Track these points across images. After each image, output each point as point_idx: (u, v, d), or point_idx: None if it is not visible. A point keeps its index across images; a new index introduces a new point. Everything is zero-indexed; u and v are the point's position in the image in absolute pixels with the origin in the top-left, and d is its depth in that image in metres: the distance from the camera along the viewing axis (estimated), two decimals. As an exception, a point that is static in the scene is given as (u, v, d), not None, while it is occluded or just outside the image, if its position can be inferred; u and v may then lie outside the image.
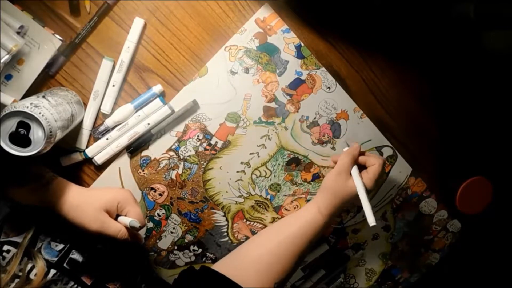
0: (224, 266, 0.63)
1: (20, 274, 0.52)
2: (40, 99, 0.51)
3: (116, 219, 0.57)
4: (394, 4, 0.66)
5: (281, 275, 0.62)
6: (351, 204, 0.66)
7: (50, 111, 0.49)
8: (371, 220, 0.59)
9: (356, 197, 0.62)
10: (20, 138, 0.48)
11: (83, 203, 0.55)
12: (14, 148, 0.48)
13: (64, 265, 0.57)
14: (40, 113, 0.47)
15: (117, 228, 0.55)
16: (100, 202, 0.55)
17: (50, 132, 0.48)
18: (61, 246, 0.57)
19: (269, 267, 0.61)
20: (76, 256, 0.58)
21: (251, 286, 0.59)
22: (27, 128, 0.48)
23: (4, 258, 0.51)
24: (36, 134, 0.48)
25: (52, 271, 0.55)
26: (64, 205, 0.54)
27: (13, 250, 0.53)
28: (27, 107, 0.47)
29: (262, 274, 0.61)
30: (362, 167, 0.65)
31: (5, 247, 0.52)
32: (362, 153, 0.67)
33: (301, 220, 0.65)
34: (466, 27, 0.68)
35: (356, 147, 0.65)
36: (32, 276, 0.53)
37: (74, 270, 0.57)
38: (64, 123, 0.52)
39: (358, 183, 0.62)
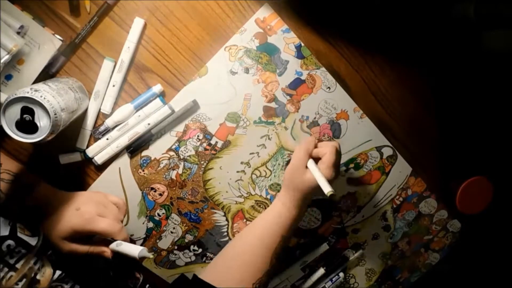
0: (209, 273, 0.64)
1: (27, 273, 0.52)
2: (40, 84, 0.51)
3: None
4: (394, 4, 0.66)
5: (258, 274, 0.62)
6: (316, 194, 0.65)
7: (51, 94, 0.49)
8: (327, 190, 0.56)
9: (317, 188, 0.60)
10: (27, 125, 0.48)
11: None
12: (22, 135, 0.48)
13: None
14: (41, 96, 0.47)
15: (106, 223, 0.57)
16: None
17: (55, 114, 0.48)
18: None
19: (245, 268, 0.62)
20: None
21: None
22: (32, 114, 0.48)
23: (12, 257, 0.51)
24: (42, 119, 0.48)
25: (58, 272, 0.55)
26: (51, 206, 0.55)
27: (23, 251, 0.52)
28: (28, 92, 0.47)
29: (239, 275, 0.61)
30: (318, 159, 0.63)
31: (17, 249, 0.52)
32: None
33: (268, 217, 0.65)
34: (466, 27, 0.68)
35: (310, 141, 0.64)
36: (38, 276, 0.52)
37: (79, 271, 0.57)
38: (68, 106, 0.52)
39: (316, 174, 0.60)
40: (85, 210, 0.57)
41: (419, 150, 0.75)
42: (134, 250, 0.55)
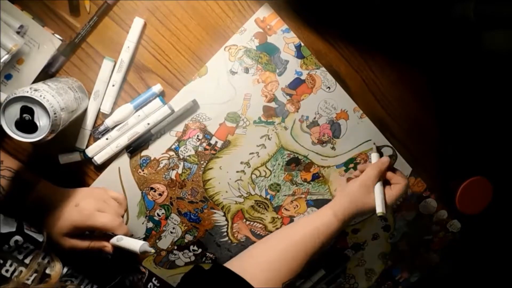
0: (232, 267, 0.63)
1: (38, 269, 0.52)
2: (39, 84, 0.51)
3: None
4: (394, 4, 0.66)
5: (289, 276, 0.62)
6: (363, 216, 0.68)
7: (50, 93, 0.49)
8: (379, 210, 0.63)
9: (371, 211, 0.63)
10: (27, 124, 0.48)
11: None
12: (21, 135, 0.48)
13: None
14: (41, 95, 0.47)
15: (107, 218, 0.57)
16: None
17: (55, 113, 0.48)
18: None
19: (279, 266, 0.61)
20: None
21: (261, 284, 0.59)
22: (31, 113, 0.48)
23: (20, 252, 0.52)
24: (41, 118, 0.48)
25: (65, 268, 0.55)
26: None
27: (31, 247, 0.53)
28: (27, 92, 0.47)
29: (270, 274, 0.61)
30: (386, 182, 0.67)
31: (25, 244, 0.52)
32: (389, 168, 0.68)
33: (316, 222, 0.65)
34: (466, 27, 0.68)
35: (385, 161, 0.66)
36: (48, 271, 0.53)
37: (87, 267, 0.57)
38: (67, 105, 0.52)
39: (379, 193, 0.64)
40: (84, 206, 0.56)
41: (419, 150, 0.75)
42: (135, 244, 0.55)
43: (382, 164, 0.66)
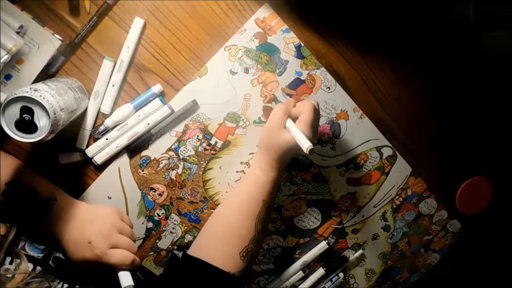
0: (196, 250, 0.63)
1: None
2: (39, 84, 0.51)
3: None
4: (394, 4, 0.66)
5: (244, 243, 0.60)
6: (294, 154, 0.64)
7: (50, 93, 0.49)
8: (307, 145, 0.55)
9: (295, 148, 0.58)
10: (26, 125, 0.48)
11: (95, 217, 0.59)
12: (21, 135, 0.48)
13: (50, 262, 0.57)
14: (41, 96, 0.47)
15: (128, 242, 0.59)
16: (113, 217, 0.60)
17: (54, 114, 0.48)
18: (43, 246, 0.57)
19: (229, 239, 0.60)
20: (60, 254, 0.58)
21: (219, 260, 0.59)
22: (31, 113, 0.48)
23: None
24: (41, 119, 0.48)
25: (38, 268, 0.55)
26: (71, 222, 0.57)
27: None
28: (27, 92, 0.47)
29: (224, 246, 0.60)
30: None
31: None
32: None
33: (245, 184, 0.64)
34: (465, 27, 0.68)
35: (289, 101, 0.63)
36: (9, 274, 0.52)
37: (60, 268, 0.57)
38: (67, 105, 0.52)
39: (295, 131, 0.58)
40: (97, 244, 0.56)
41: (419, 150, 0.75)
42: (124, 280, 0.56)
43: (286, 103, 0.62)
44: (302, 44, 0.65)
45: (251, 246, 0.61)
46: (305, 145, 0.54)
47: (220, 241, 0.61)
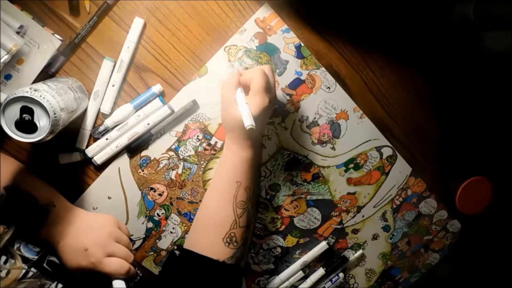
0: (187, 240, 0.64)
1: None
2: (39, 84, 0.51)
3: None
4: (394, 4, 0.66)
5: (226, 229, 0.59)
6: (264, 122, 0.62)
7: (50, 93, 0.49)
8: (247, 123, 0.52)
9: (259, 118, 0.55)
10: (26, 125, 0.48)
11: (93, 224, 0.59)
12: (21, 135, 0.48)
13: (44, 265, 0.56)
14: (41, 95, 0.48)
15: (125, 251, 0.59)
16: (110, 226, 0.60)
17: (54, 114, 0.48)
18: (38, 248, 0.57)
19: (211, 228, 0.60)
20: (55, 259, 0.58)
21: (207, 249, 0.59)
22: (31, 113, 0.48)
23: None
24: (41, 119, 0.48)
25: (32, 270, 0.54)
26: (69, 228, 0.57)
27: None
28: (27, 92, 0.47)
29: (209, 236, 0.60)
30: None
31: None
32: None
33: (219, 168, 0.64)
34: (465, 27, 0.68)
35: (231, 73, 0.58)
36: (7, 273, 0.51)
37: (55, 270, 0.57)
38: (67, 105, 0.52)
39: (240, 105, 0.55)
40: (93, 253, 0.56)
41: (419, 150, 0.75)
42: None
43: (229, 77, 0.58)
44: (302, 44, 0.65)
45: (233, 231, 0.59)
46: (246, 123, 0.52)
47: (203, 229, 0.61)
